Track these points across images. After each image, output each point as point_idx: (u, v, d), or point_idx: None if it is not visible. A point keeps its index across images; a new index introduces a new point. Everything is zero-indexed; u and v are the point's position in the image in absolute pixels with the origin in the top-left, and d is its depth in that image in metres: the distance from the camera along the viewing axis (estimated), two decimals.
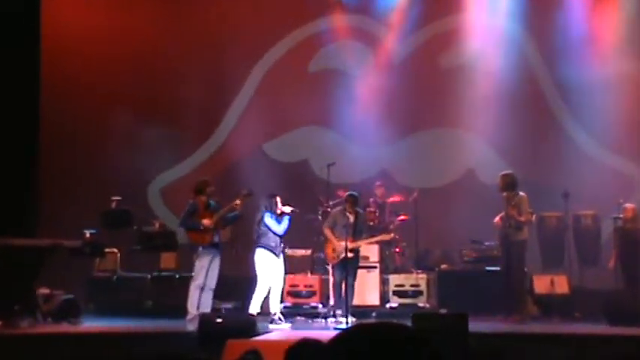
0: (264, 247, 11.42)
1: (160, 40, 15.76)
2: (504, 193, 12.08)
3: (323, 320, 11.93)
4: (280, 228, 11.43)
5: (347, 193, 12.00)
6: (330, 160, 13.70)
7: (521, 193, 12.04)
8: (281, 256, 11.58)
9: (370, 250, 12.96)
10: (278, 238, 11.45)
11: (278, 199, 11.62)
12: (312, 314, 12.45)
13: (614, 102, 14.70)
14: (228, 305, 12.06)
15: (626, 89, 14.77)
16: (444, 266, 13.57)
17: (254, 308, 11.24)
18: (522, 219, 11.87)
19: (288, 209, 11.57)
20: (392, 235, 12.59)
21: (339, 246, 11.65)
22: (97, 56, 15.65)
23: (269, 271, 11.39)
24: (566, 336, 10.20)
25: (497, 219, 12.15)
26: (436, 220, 14.48)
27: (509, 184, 12.09)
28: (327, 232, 11.89)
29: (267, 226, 11.44)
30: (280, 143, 16.02)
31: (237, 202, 11.46)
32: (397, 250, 13.92)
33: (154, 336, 10.18)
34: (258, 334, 9.63)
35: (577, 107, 15.27)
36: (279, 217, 11.50)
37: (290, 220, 11.57)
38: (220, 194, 11.89)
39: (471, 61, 15.53)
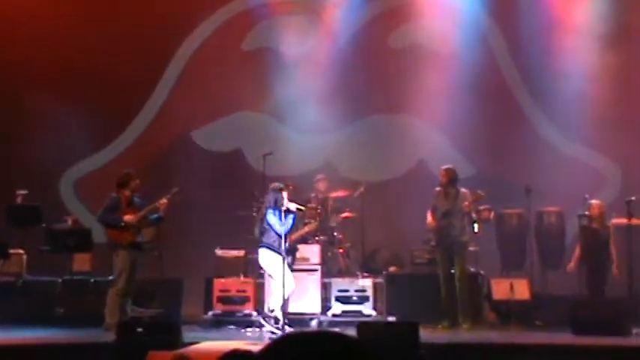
0: (267, 247, 11.44)
1: (79, 19, 15.52)
2: (441, 189, 12.23)
3: (258, 329, 11.90)
4: (283, 227, 11.39)
5: (271, 186, 11.96)
6: (266, 150, 13.65)
7: (464, 190, 12.20)
8: (284, 256, 11.55)
9: (310, 251, 12.94)
10: (278, 237, 11.41)
11: (284, 194, 11.55)
12: (246, 322, 12.39)
13: (582, 92, 14.91)
14: (150, 312, 11.95)
15: (595, 79, 14.99)
16: (392, 269, 13.62)
17: (276, 309, 11.35)
18: (474, 216, 12.03)
19: (293, 207, 11.51)
20: (316, 224, 12.59)
21: None
22: (9, 36, 15.38)
23: (271, 271, 11.45)
24: (527, 346, 10.31)
25: (429, 218, 12.25)
26: (384, 217, 14.54)
27: (453, 179, 12.25)
28: (257, 231, 11.91)
29: (269, 223, 11.40)
30: (210, 131, 15.92)
31: (163, 201, 11.34)
32: (340, 250, 13.92)
33: (65, 348, 10.04)
34: (184, 345, 9.56)
35: (542, 97, 15.46)
36: (283, 215, 11.44)
37: (294, 219, 11.54)
38: (141, 188, 11.76)
39: (425, 41, 15.60)
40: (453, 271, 12.25)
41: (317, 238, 13.00)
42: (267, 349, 2.94)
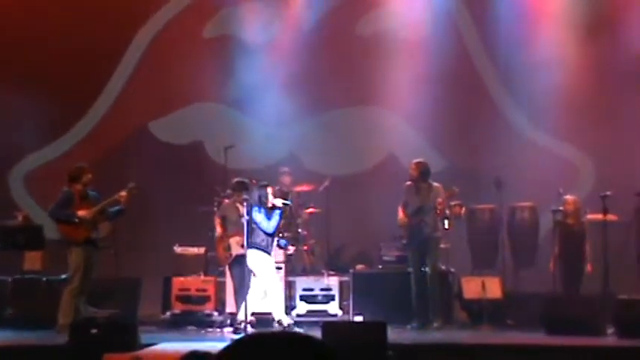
0: (254, 247, 11.38)
1: (29, 6, 15.38)
2: (412, 183, 12.26)
3: (219, 330, 11.86)
4: (270, 225, 11.35)
5: (234, 181, 11.93)
6: (227, 143, 13.64)
7: (436, 184, 12.24)
8: (273, 253, 11.57)
9: (274, 249, 12.91)
10: (266, 236, 11.36)
11: (269, 190, 11.51)
12: (206, 323, 12.36)
13: (556, 83, 14.99)
14: (106, 313, 11.88)
15: (570, 70, 15.09)
16: (360, 267, 13.64)
17: (281, 317, 11.44)
18: (448, 212, 12.06)
19: (279, 202, 11.46)
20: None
21: (229, 242, 11.64)
22: None
23: (262, 273, 11.39)
24: (499, 347, 10.37)
25: (401, 214, 12.28)
26: (351, 212, 14.56)
27: (425, 173, 12.28)
28: (217, 227, 11.89)
29: (255, 222, 11.36)
30: (169, 122, 15.83)
31: (122, 194, 11.29)
32: (305, 248, 13.92)
33: (16, 351, 9.96)
34: (141, 347, 9.52)
35: (515, 87, 15.52)
36: (269, 212, 11.39)
37: (281, 216, 11.50)
38: (95, 182, 11.69)
39: (393, 29, 15.62)
40: (424, 269, 12.28)
41: (280, 235, 12.98)
42: (225, 350, 2.94)
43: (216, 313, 12.65)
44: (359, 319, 12.25)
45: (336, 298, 13.03)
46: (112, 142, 15.59)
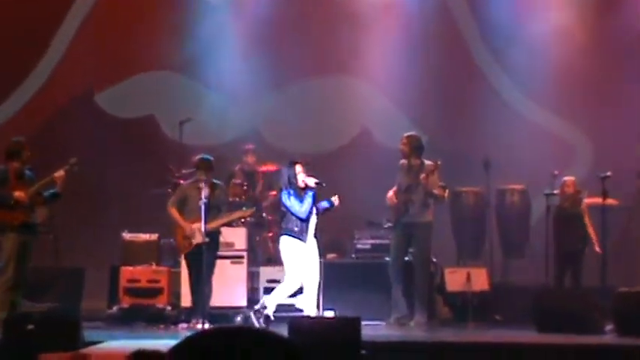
0: (288, 234, 11.29)
1: None
2: (405, 161, 12.24)
3: (172, 326, 11.83)
4: (303, 209, 11.24)
5: (198, 158, 11.86)
6: (183, 116, 13.57)
7: (429, 162, 12.21)
8: (312, 241, 11.42)
9: (235, 235, 12.89)
10: (300, 221, 11.29)
11: (298, 168, 11.38)
12: (158, 318, 12.33)
13: (552, 55, 15.07)
14: (44, 307, 11.82)
15: (567, 42, 15.16)
16: (331, 256, 13.62)
17: (272, 303, 11.28)
18: (436, 192, 12.02)
19: (312, 182, 11.32)
20: (251, 210, 12.57)
21: (190, 229, 11.56)
22: None
23: (298, 263, 11.28)
24: (485, 345, 10.38)
25: (391, 193, 12.29)
26: (321, 195, 14.52)
27: (418, 147, 12.24)
28: (173, 211, 11.76)
29: (286, 206, 11.28)
30: (117, 93, 15.75)
31: (60, 173, 11.15)
32: (270, 234, 13.90)
33: None
34: (84, 345, 9.47)
35: (506, 57, 15.57)
36: (300, 194, 11.28)
37: (314, 197, 11.35)
38: (31, 160, 11.58)
39: None
40: (408, 257, 12.28)
41: (242, 220, 12.94)
42: (176, 348, 2.91)
43: (169, 308, 12.59)
44: (330, 314, 12.24)
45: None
46: (50, 116, 15.47)
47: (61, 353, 8.47)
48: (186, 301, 12.17)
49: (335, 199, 11.55)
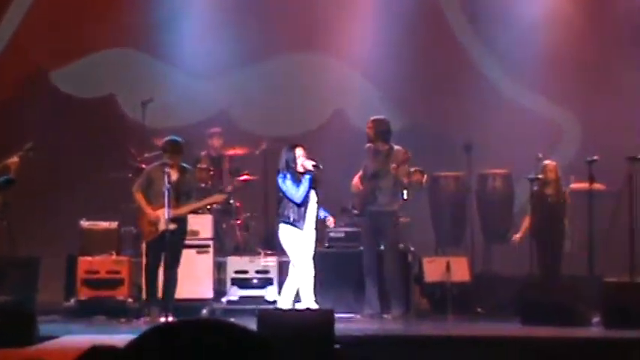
0: (285, 222, 11.23)
1: None
2: (371, 145, 12.26)
3: (134, 320, 11.82)
4: (299, 193, 11.17)
5: (166, 139, 11.82)
6: (145, 96, 13.51)
7: (398, 147, 12.24)
8: (311, 229, 11.32)
9: (201, 223, 12.87)
10: (299, 207, 11.20)
11: (298, 151, 11.29)
12: (119, 311, 12.29)
13: (536, 31, 15.09)
14: None
15: (561, 26, 15.20)
16: None
17: (284, 301, 11.17)
18: (407, 181, 12.06)
19: (309, 164, 11.25)
20: (225, 195, 12.53)
21: (155, 215, 11.54)
22: None
23: (299, 251, 11.22)
24: (466, 339, 10.42)
25: (356, 180, 12.30)
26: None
27: (384, 132, 12.27)
28: (139, 196, 11.74)
29: (282, 191, 11.21)
30: (75, 71, 15.61)
31: (14, 159, 11.11)
32: (238, 222, 13.88)
33: None
34: (40, 340, 9.44)
35: (489, 33, 15.59)
36: (297, 178, 11.19)
37: (311, 181, 11.25)
38: None
39: None
40: (380, 247, 12.30)
41: (208, 207, 12.91)
42: (133, 343, 2.89)
43: (130, 300, 12.57)
44: (301, 306, 12.24)
45: (275, 281, 13.01)
46: (2, 95, 15.34)
47: (14, 350, 8.45)
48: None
49: (329, 221, 11.70)
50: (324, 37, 15.51)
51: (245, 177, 14.00)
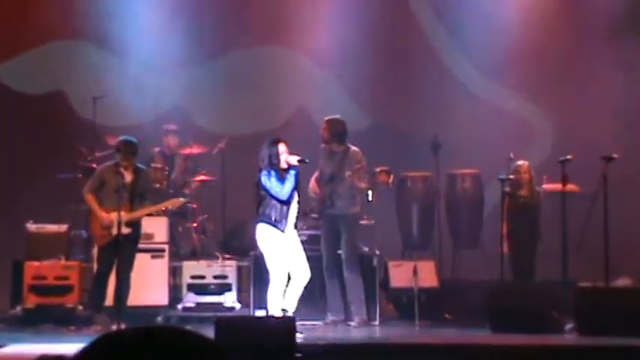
0: (264, 221, 11.13)
1: None
2: (326, 146, 12.29)
3: (84, 328, 11.75)
4: (284, 190, 11.08)
5: (120, 139, 11.79)
6: (97, 92, 13.46)
7: (354, 148, 12.26)
8: (292, 230, 11.23)
9: (155, 226, 12.86)
10: (282, 206, 11.13)
11: (281, 147, 11.21)
12: (68, 319, 12.24)
13: (507, 26, 15.16)
14: None
15: (532, 20, 15.27)
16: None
17: (273, 307, 10.99)
18: (363, 185, 12.08)
19: (294, 160, 11.16)
20: (183, 200, 12.49)
21: (108, 219, 11.50)
22: None
23: (278, 254, 11.11)
24: (434, 347, 10.46)
25: (312, 182, 12.32)
26: (252, 181, 14.51)
27: (339, 133, 12.29)
28: (90, 198, 11.70)
29: (265, 188, 11.12)
30: (19, 65, 15.51)
31: None
32: (194, 225, 13.87)
33: None
34: None
35: (458, 27, 15.64)
36: (281, 174, 11.10)
37: (297, 177, 11.16)
38: None
39: None
40: (340, 251, 12.33)
41: (163, 209, 12.88)
42: (82, 352, 2.88)
43: (80, 307, 12.52)
44: (261, 313, 12.24)
45: (233, 287, 13.03)
46: None
47: None
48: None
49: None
50: (288, 32, 15.53)
51: (202, 177, 13.99)
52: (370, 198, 12.25)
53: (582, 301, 11.34)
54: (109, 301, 11.75)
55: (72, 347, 7.79)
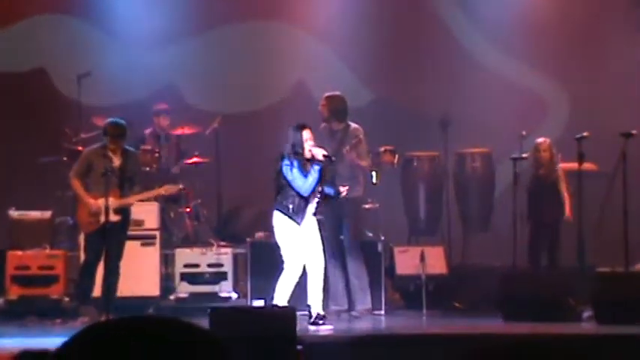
0: (281, 211, 11.10)
1: None
2: (326, 125, 12.27)
3: (71, 320, 11.76)
4: (306, 184, 11.01)
5: (108, 122, 11.78)
6: (82, 70, 13.45)
7: (355, 125, 12.23)
8: (309, 222, 11.15)
9: (146, 212, 12.85)
10: (301, 199, 11.08)
11: (306, 134, 11.12)
12: (53, 311, 12.25)
13: (528, 2, 15.18)
14: None
15: None
16: (260, 235, 13.59)
17: (279, 297, 10.98)
18: (364, 163, 12.07)
19: (320, 154, 11.08)
20: (179, 186, 12.50)
21: (96, 205, 11.51)
22: None
23: (292, 246, 11.09)
24: (443, 337, 10.46)
25: None
26: (249, 162, 14.53)
27: (339, 110, 12.25)
28: (77, 183, 11.69)
29: (286, 179, 11.08)
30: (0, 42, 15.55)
31: None
32: (187, 210, 13.87)
33: None
34: None
35: (469, 2, 15.62)
36: (305, 167, 11.04)
37: (321, 172, 11.06)
38: None
39: None
40: (342, 237, 12.33)
41: (156, 196, 12.86)
42: (65, 346, 2.89)
43: (66, 299, 12.55)
44: (259, 304, 12.26)
45: (229, 276, 13.02)
46: None
47: None
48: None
49: (343, 190, 11.46)
50: (284, 3, 15.52)
51: (195, 159, 13.97)
52: (375, 180, 12.24)
53: (600, 288, 11.32)
54: (97, 291, 11.75)
55: (56, 341, 7.83)
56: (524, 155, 12.88)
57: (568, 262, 12.58)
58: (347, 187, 11.42)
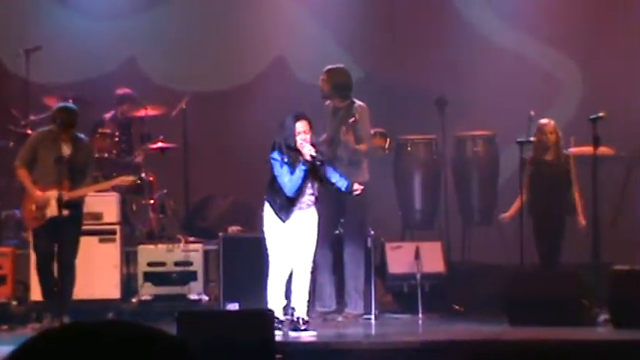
0: (269, 203, 11.17)
1: None
2: (330, 103, 12.26)
3: (20, 326, 11.84)
4: (291, 183, 11.02)
5: (57, 107, 11.76)
6: (30, 44, 13.45)
7: (359, 103, 12.23)
8: (301, 218, 11.17)
9: (105, 204, 12.87)
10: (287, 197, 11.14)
11: (300, 126, 11.02)
12: (0, 316, 12.28)
13: None
14: None
15: None
16: (234, 229, 13.64)
17: (273, 302, 11.04)
18: (363, 148, 12.08)
19: (307, 151, 11.01)
20: (134, 177, 12.51)
21: (43, 198, 11.52)
22: None
23: (277, 243, 11.16)
24: (440, 344, 10.49)
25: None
26: (221, 146, 14.55)
27: (342, 85, 12.25)
28: (23, 172, 11.68)
29: (274, 172, 11.11)
30: None
31: None
32: (151, 201, 13.88)
33: None
34: None
35: None
36: (295, 162, 10.97)
37: (306, 173, 10.98)
38: None
39: None
40: (339, 230, 12.35)
41: (109, 188, 12.85)
42: (13, 355, 2.92)
43: (15, 302, 12.56)
44: (233, 307, 12.30)
45: (199, 276, 13.04)
46: None
47: None
48: (37, 293, 12.12)
49: (357, 188, 11.37)
50: None
51: (160, 144, 13.97)
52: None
53: (618, 288, 11.37)
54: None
55: (3, 350, 7.84)
56: (532, 139, 12.83)
57: (581, 259, 12.61)
58: (362, 187, 11.35)
